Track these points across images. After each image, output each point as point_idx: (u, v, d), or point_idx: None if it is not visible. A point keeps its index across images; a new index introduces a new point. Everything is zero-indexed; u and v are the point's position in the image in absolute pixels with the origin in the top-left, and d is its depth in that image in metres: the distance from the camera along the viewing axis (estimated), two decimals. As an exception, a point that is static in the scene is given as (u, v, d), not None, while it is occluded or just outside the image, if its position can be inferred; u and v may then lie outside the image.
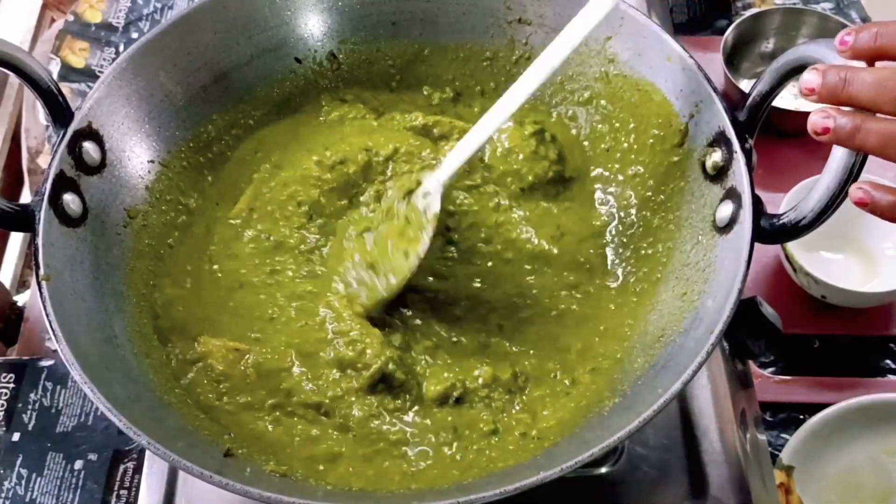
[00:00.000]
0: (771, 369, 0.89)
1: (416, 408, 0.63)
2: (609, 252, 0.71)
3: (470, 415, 0.63)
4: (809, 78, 0.50)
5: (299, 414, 0.63)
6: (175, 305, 0.68)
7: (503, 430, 0.62)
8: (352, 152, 0.73)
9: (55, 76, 1.08)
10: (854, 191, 0.50)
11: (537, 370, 0.66)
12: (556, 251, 0.70)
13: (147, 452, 0.71)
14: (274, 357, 0.64)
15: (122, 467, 0.82)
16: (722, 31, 1.07)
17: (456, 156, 0.66)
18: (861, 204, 0.50)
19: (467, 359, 0.66)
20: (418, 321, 0.68)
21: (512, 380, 0.64)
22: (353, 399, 0.63)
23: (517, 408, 0.64)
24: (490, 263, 0.70)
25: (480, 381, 0.64)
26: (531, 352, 0.67)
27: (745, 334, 0.70)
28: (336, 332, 0.65)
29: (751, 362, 0.82)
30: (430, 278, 0.69)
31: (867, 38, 0.48)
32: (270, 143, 0.77)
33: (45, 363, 0.89)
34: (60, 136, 0.64)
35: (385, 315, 0.67)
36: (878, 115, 0.48)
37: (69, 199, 0.63)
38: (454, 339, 0.67)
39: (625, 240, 0.71)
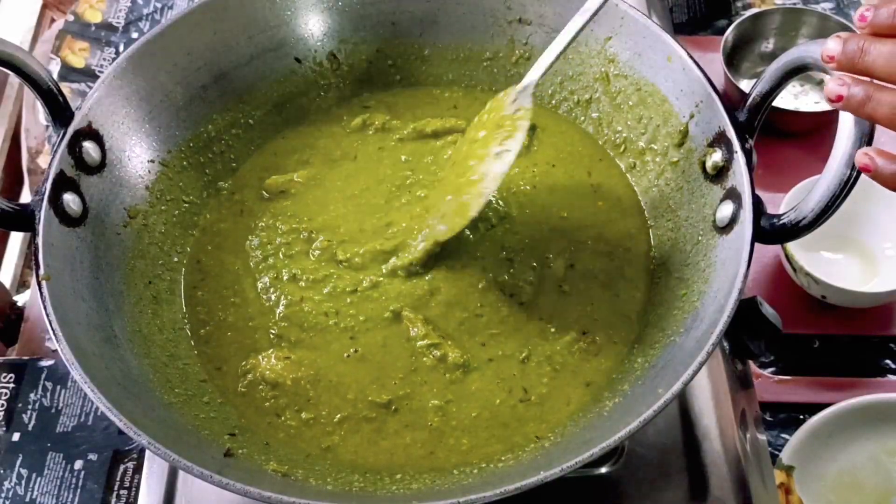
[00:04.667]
0: (771, 369, 0.89)
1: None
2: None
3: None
4: (832, 45, 0.50)
5: (370, 417, 0.63)
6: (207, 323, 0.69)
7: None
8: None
9: (55, 76, 1.08)
10: (860, 156, 0.50)
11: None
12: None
13: (147, 452, 0.71)
14: (330, 368, 0.65)
15: (122, 467, 0.82)
16: (722, 31, 1.07)
17: (546, 56, 0.66)
18: (865, 170, 0.50)
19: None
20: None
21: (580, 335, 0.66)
22: (427, 390, 0.64)
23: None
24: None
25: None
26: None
27: (745, 334, 0.70)
28: (414, 338, 0.66)
29: (751, 362, 0.82)
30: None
31: (885, 15, 0.48)
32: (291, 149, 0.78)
33: (45, 363, 0.89)
34: (60, 136, 0.64)
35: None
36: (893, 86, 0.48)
37: (69, 198, 0.63)
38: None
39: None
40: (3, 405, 0.86)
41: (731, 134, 0.62)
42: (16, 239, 1.05)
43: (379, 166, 0.76)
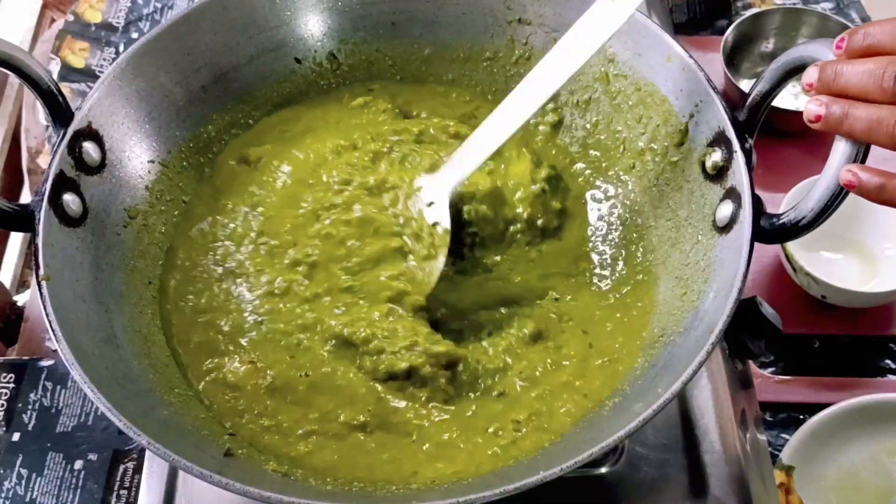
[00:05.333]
0: (771, 369, 0.89)
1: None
2: (607, 253, 0.71)
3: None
4: (810, 73, 0.52)
5: (342, 432, 0.61)
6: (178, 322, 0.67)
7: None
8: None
9: (55, 76, 1.08)
10: (843, 173, 0.52)
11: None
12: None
13: (147, 452, 0.71)
14: (295, 377, 0.63)
15: (122, 467, 0.82)
16: (722, 31, 1.07)
17: (464, 162, 0.66)
18: (849, 186, 0.52)
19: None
20: None
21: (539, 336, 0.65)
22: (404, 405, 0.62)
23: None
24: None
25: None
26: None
27: (745, 334, 0.70)
28: (403, 348, 0.63)
29: (751, 362, 0.82)
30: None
31: (858, 39, 0.51)
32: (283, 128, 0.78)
33: (45, 363, 0.89)
34: (60, 136, 0.64)
35: None
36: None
37: (69, 199, 0.63)
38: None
39: (624, 241, 0.71)
40: (3, 405, 0.86)
41: (731, 134, 0.62)
42: (16, 239, 1.05)
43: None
